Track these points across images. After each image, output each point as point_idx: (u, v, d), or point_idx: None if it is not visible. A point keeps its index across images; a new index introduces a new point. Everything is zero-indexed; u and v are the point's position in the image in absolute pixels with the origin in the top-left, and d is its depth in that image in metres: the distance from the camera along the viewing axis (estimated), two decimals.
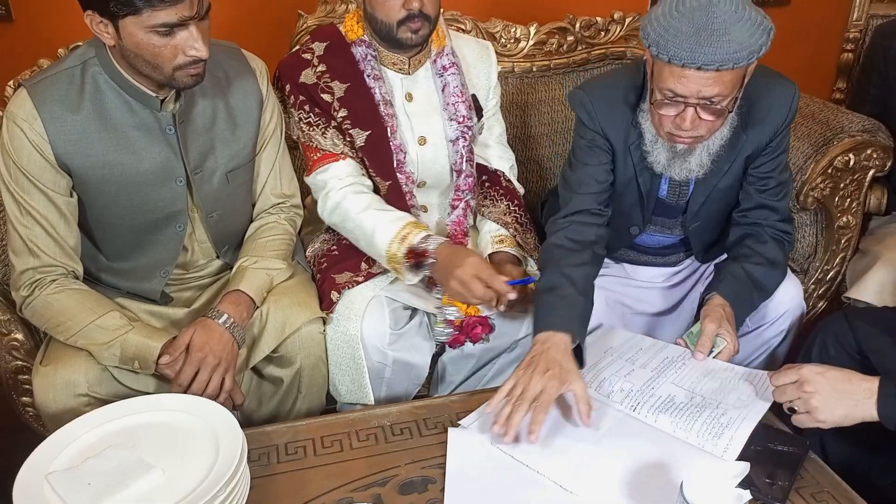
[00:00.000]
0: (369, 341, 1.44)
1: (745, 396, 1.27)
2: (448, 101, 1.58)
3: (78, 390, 1.27)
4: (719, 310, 1.38)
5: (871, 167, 1.78)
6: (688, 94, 1.25)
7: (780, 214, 1.51)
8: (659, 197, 1.52)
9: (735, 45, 1.19)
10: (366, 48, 1.54)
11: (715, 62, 1.19)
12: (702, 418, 1.22)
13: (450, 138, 1.59)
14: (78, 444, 1.09)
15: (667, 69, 1.25)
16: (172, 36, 1.18)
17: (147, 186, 1.33)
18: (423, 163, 1.59)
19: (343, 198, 1.51)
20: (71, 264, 1.33)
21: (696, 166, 1.39)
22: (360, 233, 1.49)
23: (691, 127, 1.29)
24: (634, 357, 1.40)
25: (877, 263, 1.77)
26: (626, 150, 1.47)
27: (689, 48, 1.19)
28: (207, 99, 1.37)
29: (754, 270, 1.44)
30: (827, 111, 1.85)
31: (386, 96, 1.54)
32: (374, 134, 1.53)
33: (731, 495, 0.95)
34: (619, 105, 1.45)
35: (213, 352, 1.29)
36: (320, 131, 1.53)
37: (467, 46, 1.67)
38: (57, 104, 1.26)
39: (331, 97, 1.52)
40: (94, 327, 1.28)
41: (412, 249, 1.43)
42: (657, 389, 1.30)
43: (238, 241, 1.54)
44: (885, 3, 2.19)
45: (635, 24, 2.06)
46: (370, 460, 1.20)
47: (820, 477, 1.16)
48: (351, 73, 1.53)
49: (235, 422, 1.12)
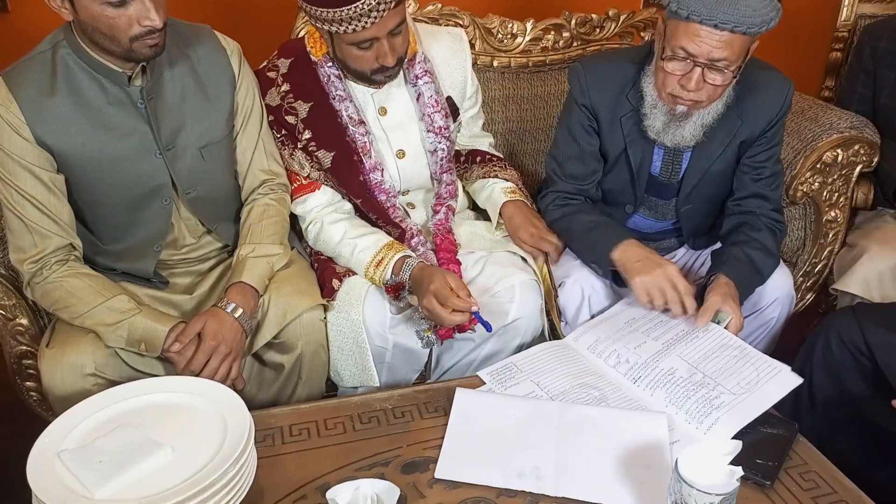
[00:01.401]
0: (371, 326, 1.47)
1: (745, 384, 1.27)
2: (424, 112, 1.58)
3: (86, 370, 1.29)
4: (724, 287, 1.41)
5: (858, 163, 1.82)
6: (698, 54, 1.31)
7: (773, 204, 1.57)
8: (651, 174, 1.56)
9: (750, 10, 1.26)
10: (329, 68, 1.52)
11: (731, 22, 1.26)
12: (696, 396, 1.26)
13: (428, 150, 1.61)
14: (88, 423, 1.12)
15: (682, 26, 1.30)
16: (125, 7, 1.20)
17: (127, 161, 1.35)
18: (405, 174, 1.61)
19: (320, 230, 1.56)
20: (67, 237, 1.35)
21: (689, 134, 1.45)
22: (343, 261, 1.54)
23: (696, 88, 1.35)
24: (651, 329, 1.43)
25: (863, 257, 1.81)
26: (617, 122, 1.53)
27: (709, 5, 1.26)
28: (177, 75, 1.39)
29: (753, 255, 1.49)
30: (816, 108, 1.89)
31: (355, 116, 1.53)
32: (339, 154, 1.53)
33: (725, 472, 0.99)
34: (612, 77, 1.52)
35: (225, 341, 1.32)
36: (288, 152, 1.55)
37: (438, 44, 1.64)
38: (31, 88, 1.28)
39: (294, 118, 1.53)
40: (103, 308, 1.30)
41: (388, 286, 1.48)
42: (661, 362, 1.34)
43: (228, 216, 1.55)
44: (873, 3, 2.24)
45: (630, 21, 2.09)
46: (373, 442, 1.24)
47: (808, 458, 1.20)
48: (315, 93, 1.53)
49: (242, 403, 1.15)
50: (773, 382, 1.27)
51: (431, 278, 1.39)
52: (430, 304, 1.37)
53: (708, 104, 1.40)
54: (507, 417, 1.25)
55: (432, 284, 1.38)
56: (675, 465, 1.00)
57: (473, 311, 1.38)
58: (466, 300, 1.37)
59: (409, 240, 1.57)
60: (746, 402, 1.24)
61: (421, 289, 1.41)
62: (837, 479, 1.16)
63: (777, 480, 1.15)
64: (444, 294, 1.36)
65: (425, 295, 1.38)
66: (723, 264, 1.47)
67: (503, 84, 2.09)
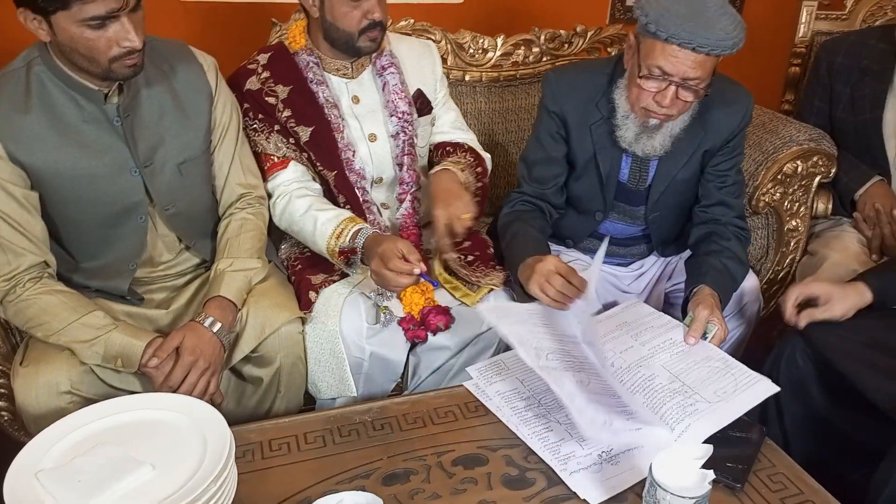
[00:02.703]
0: (348, 336, 1.48)
1: (722, 392, 1.30)
2: (388, 98, 1.66)
3: (61, 388, 1.28)
4: (710, 299, 1.45)
5: (817, 174, 1.90)
6: (674, 73, 1.36)
7: (737, 212, 1.63)
8: (620, 181, 1.62)
9: (724, 33, 1.32)
10: (308, 56, 1.62)
11: (707, 46, 1.32)
12: (671, 403, 1.29)
13: (391, 133, 1.67)
14: (66, 442, 1.11)
15: (660, 46, 1.35)
16: (105, 28, 1.21)
17: (101, 179, 1.35)
18: (377, 158, 1.66)
19: (287, 202, 1.58)
20: (41, 255, 1.33)
21: (658, 144, 1.51)
22: (305, 235, 1.57)
23: (670, 104, 1.40)
24: (641, 333, 1.46)
25: (824, 264, 1.87)
26: (587, 130, 1.58)
27: (688, 30, 1.31)
28: (154, 92, 1.40)
29: (728, 264, 1.55)
30: (777, 121, 1.96)
31: (330, 100, 1.61)
32: (318, 129, 1.60)
33: (697, 475, 1.02)
34: (583, 86, 1.57)
35: (203, 355, 1.32)
36: (264, 136, 1.60)
37: (408, 47, 1.74)
38: (5, 104, 1.28)
39: (275, 99, 1.60)
40: (78, 325, 1.29)
41: (342, 251, 1.51)
42: (644, 369, 1.37)
43: (205, 232, 1.56)
44: (829, 21, 2.32)
45: (597, 37, 2.15)
46: (353, 454, 1.24)
47: (776, 461, 1.24)
48: (294, 78, 1.61)
49: (222, 419, 1.14)
50: (750, 391, 1.30)
51: (380, 246, 1.43)
52: (377, 268, 1.41)
53: (678, 117, 1.46)
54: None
55: (379, 247, 1.41)
56: (650, 469, 1.03)
57: (417, 272, 1.41)
58: (411, 263, 1.39)
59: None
60: (720, 409, 1.26)
61: (370, 253, 1.44)
62: (804, 481, 1.20)
63: (747, 483, 1.19)
64: (389, 256, 1.40)
65: (373, 258, 1.42)
66: (703, 276, 1.51)
67: (475, 98, 2.12)
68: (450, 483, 1.18)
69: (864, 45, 1.98)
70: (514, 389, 1.38)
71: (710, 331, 1.43)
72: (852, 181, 1.96)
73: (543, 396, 1.34)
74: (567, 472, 1.19)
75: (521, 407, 1.33)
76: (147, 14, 1.27)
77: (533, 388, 1.37)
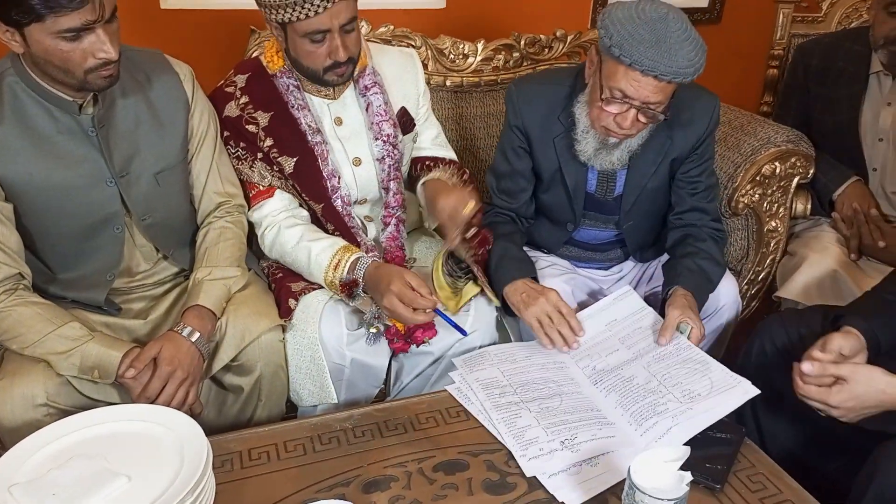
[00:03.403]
0: (328, 342, 1.48)
1: (694, 393, 1.31)
2: (372, 120, 1.60)
3: (37, 401, 1.26)
4: (682, 299, 1.47)
5: (795, 175, 1.91)
6: (636, 97, 1.37)
7: (712, 215, 1.65)
8: (588, 192, 1.63)
9: (686, 61, 1.32)
10: (287, 79, 1.55)
11: (669, 74, 1.32)
12: (644, 402, 1.30)
13: (376, 157, 1.62)
14: (40, 455, 1.10)
15: (622, 70, 1.35)
16: (80, 40, 1.19)
17: (76, 190, 1.34)
18: (361, 181, 1.63)
19: (277, 234, 1.55)
20: (16, 266, 1.32)
21: (616, 160, 1.53)
22: (299, 266, 1.54)
23: (630, 126, 1.42)
24: (627, 336, 1.48)
25: (803, 264, 1.89)
26: (550, 143, 1.59)
27: (651, 57, 1.31)
28: (129, 102, 1.39)
29: (703, 264, 1.56)
30: (755, 123, 1.98)
31: (313, 125, 1.55)
32: (302, 159, 1.55)
33: (675, 477, 1.03)
34: (544, 99, 1.58)
35: (181, 366, 1.31)
36: (248, 164, 1.56)
37: (390, 61, 1.67)
38: None
39: (255, 127, 1.54)
40: (54, 337, 1.28)
41: (342, 283, 1.48)
42: (625, 370, 1.39)
43: (184, 241, 1.54)
44: (805, 23, 2.35)
45: (577, 41, 2.16)
46: (333, 462, 1.24)
47: (756, 461, 1.25)
48: (274, 103, 1.55)
49: (200, 429, 1.14)
50: (729, 394, 1.29)
51: (390, 278, 1.40)
52: (391, 304, 1.38)
53: (636, 135, 1.48)
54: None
55: (392, 284, 1.38)
56: (628, 472, 1.03)
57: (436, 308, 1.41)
58: (429, 298, 1.39)
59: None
60: (696, 412, 1.27)
61: (379, 288, 1.41)
62: (784, 481, 1.21)
63: (727, 483, 1.19)
64: (409, 295, 1.38)
65: (385, 294, 1.39)
66: (678, 276, 1.53)
67: (456, 103, 2.13)
68: (430, 489, 1.18)
69: (840, 48, 2.00)
70: (493, 378, 1.41)
71: (683, 331, 1.44)
72: (830, 182, 1.98)
73: (519, 388, 1.38)
74: (526, 457, 1.21)
75: (496, 394, 1.36)
76: (127, 21, 1.27)
77: (511, 379, 1.40)
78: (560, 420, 1.29)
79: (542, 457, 1.21)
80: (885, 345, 1.31)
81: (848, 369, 1.21)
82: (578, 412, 1.31)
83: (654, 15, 1.33)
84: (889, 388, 1.19)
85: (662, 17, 1.33)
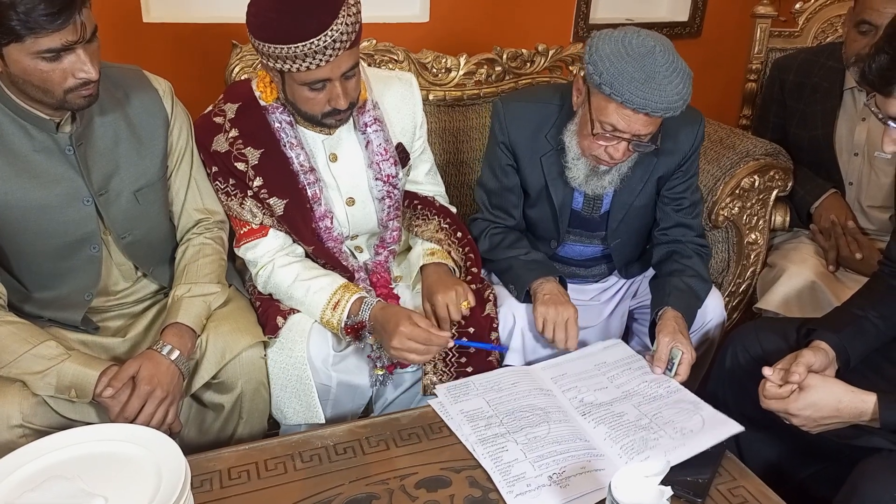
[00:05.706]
0: (315, 362, 1.46)
1: (687, 430, 1.31)
2: (373, 160, 1.55)
3: (12, 422, 1.24)
4: (672, 323, 1.48)
5: (774, 187, 1.94)
6: (627, 130, 1.39)
7: (696, 231, 1.67)
8: (574, 209, 1.64)
9: (675, 95, 1.34)
10: (280, 114, 1.48)
11: (661, 110, 1.34)
12: (635, 436, 1.30)
13: (376, 197, 1.59)
14: (16, 477, 1.07)
15: (613, 106, 1.37)
16: (60, 60, 1.18)
17: (52, 210, 1.32)
18: (354, 220, 1.60)
19: (271, 273, 1.53)
20: None
21: (608, 184, 1.55)
22: (295, 304, 1.52)
23: (621, 157, 1.44)
24: (617, 376, 1.48)
25: (783, 276, 1.91)
26: (537, 160, 1.60)
27: (642, 95, 1.32)
28: (108, 120, 1.37)
29: (691, 282, 1.57)
30: (734, 137, 2.00)
31: (305, 164, 1.50)
32: (292, 202, 1.50)
33: (655, 492, 1.03)
34: (531, 117, 1.59)
35: (161, 384, 1.30)
36: (238, 202, 1.52)
37: (389, 91, 1.60)
38: None
39: (245, 165, 1.49)
40: (30, 356, 1.26)
41: (348, 327, 1.47)
42: (615, 406, 1.38)
43: (163, 259, 1.53)
44: (782, 38, 2.39)
45: (558, 55, 2.18)
46: (315, 480, 1.23)
47: (736, 474, 1.26)
48: (265, 139, 1.48)
49: (178, 449, 1.12)
50: (714, 430, 1.30)
51: (398, 319, 1.38)
52: (401, 344, 1.37)
53: (627, 160, 1.51)
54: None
55: (402, 326, 1.37)
56: (609, 488, 1.03)
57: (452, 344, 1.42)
58: (443, 334, 1.39)
59: (354, 281, 1.57)
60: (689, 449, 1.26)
61: (387, 329, 1.39)
62: (764, 493, 1.22)
63: (708, 497, 1.20)
64: (422, 335, 1.37)
65: (394, 336, 1.37)
66: (667, 297, 1.54)
67: (439, 117, 2.13)
68: None
69: (815, 63, 2.03)
70: (477, 409, 1.38)
71: (675, 356, 1.44)
72: (808, 194, 2.01)
73: (505, 417, 1.35)
74: (513, 494, 1.18)
75: (482, 426, 1.33)
76: (109, 34, 1.26)
77: (497, 409, 1.37)
78: (548, 451, 1.26)
79: (530, 493, 1.19)
80: (854, 359, 1.34)
81: (809, 378, 1.25)
82: (567, 442, 1.29)
83: (641, 50, 1.34)
84: (845, 398, 1.22)
85: (650, 52, 1.33)
